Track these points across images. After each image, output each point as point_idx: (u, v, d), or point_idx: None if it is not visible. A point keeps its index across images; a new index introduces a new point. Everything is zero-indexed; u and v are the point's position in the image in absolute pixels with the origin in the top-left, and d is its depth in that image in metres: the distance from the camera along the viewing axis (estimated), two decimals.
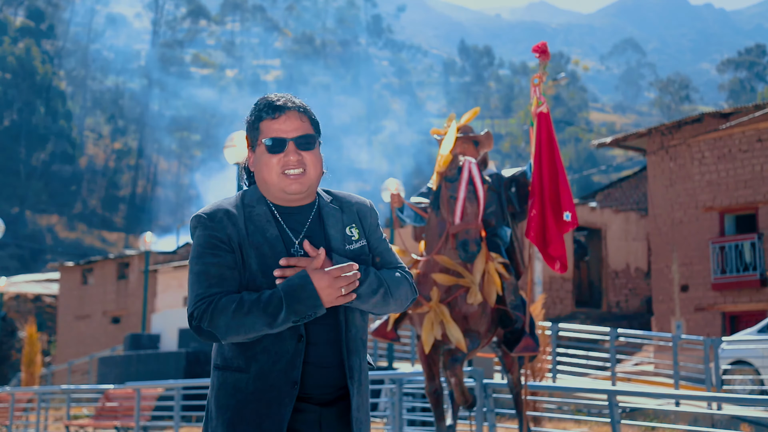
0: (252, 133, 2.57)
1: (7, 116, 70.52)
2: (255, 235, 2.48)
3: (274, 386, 2.43)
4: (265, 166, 2.52)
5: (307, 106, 2.60)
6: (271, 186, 2.52)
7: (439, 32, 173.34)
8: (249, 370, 2.44)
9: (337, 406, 2.50)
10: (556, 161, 6.43)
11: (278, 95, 2.58)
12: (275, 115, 2.53)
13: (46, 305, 38.21)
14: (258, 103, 2.58)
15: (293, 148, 2.51)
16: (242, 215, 2.50)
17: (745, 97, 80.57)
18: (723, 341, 14.79)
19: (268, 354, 2.43)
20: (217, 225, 2.47)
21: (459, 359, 6.45)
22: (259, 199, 2.55)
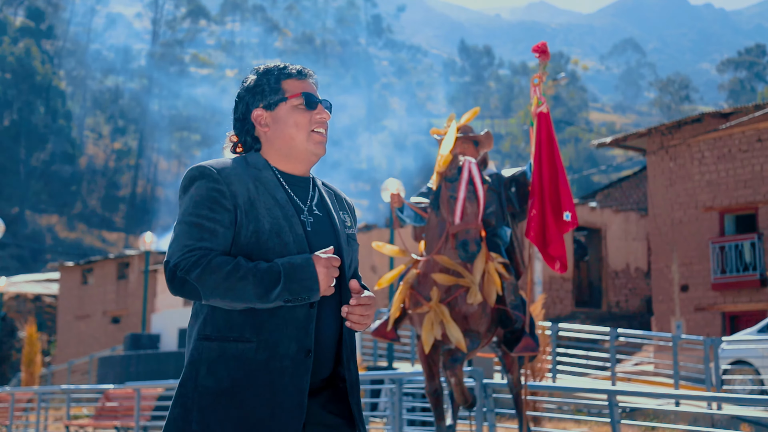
0: (267, 93, 2.50)
1: (7, 116, 70.51)
2: (265, 195, 2.40)
3: (287, 355, 2.31)
4: (294, 124, 2.47)
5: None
6: (297, 144, 2.47)
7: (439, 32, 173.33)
8: (255, 338, 2.30)
9: (320, 397, 2.40)
10: (556, 161, 6.43)
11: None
12: (301, 78, 2.51)
13: (46, 305, 38.20)
14: (272, 66, 2.54)
15: (322, 108, 2.51)
16: (250, 175, 2.42)
17: (745, 97, 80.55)
18: (723, 341, 14.79)
19: (276, 320, 2.31)
20: (223, 179, 2.36)
21: (459, 359, 6.45)
22: (264, 164, 2.47)
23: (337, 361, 2.45)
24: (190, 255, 2.27)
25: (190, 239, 2.30)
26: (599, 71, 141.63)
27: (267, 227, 2.35)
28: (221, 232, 2.32)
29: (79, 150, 75.61)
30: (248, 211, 2.35)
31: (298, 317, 2.33)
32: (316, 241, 2.42)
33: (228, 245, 2.33)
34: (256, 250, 2.33)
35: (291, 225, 2.38)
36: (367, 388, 12.54)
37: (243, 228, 2.34)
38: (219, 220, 2.32)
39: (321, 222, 2.47)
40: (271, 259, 2.33)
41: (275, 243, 2.35)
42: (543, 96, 6.49)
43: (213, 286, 2.25)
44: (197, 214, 2.32)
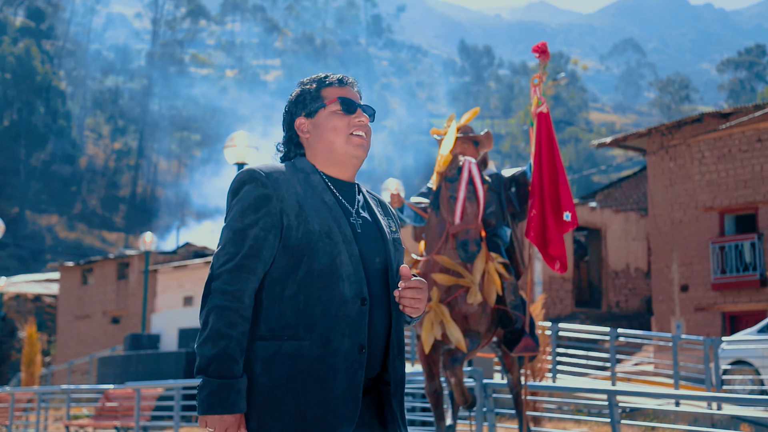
0: (309, 101, 2.59)
1: (7, 116, 70.51)
2: (314, 198, 2.46)
3: (339, 351, 2.36)
4: (332, 129, 2.55)
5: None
6: (336, 148, 2.55)
7: (439, 32, 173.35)
8: (308, 336, 2.35)
9: (365, 398, 2.44)
10: (556, 161, 6.43)
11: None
12: (341, 85, 2.62)
13: (46, 305, 38.19)
14: (312, 77, 2.65)
15: (362, 112, 2.59)
16: (300, 179, 2.50)
17: (745, 97, 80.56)
18: (723, 341, 14.79)
19: (329, 318, 2.37)
20: (272, 183, 2.43)
21: (459, 359, 6.45)
22: (312, 169, 2.55)
23: (384, 362, 2.49)
24: (230, 277, 2.36)
25: (234, 246, 2.38)
26: (599, 71, 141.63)
27: (317, 228, 2.41)
28: (263, 236, 2.39)
29: (79, 150, 75.61)
30: (298, 214, 2.42)
31: (350, 314, 2.39)
32: (364, 243, 2.49)
33: (273, 247, 2.40)
34: (308, 250, 2.40)
35: (340, 226, 2.44)
36: None
37: (293, 230, 2.41)
38: (263, 225, 2.40)
39: (368, 225, 2.54)
40: (323, 259, 2.40)
41: (325, 243, 2.41)
42: (543, 96, 6.49)
43: (204, 321, 2.35)
44: (242, 220, 2.40)
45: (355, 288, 2.40)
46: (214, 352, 2.30)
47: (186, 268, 28.46)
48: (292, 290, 2.39)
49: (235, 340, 2.32)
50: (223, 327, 2.31)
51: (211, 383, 2.29)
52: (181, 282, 28.65)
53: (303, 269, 2.39)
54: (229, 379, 2.29)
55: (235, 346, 2.32)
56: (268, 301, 2.40)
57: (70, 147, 72.36)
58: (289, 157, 2.62)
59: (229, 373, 2.30)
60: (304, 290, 2.38)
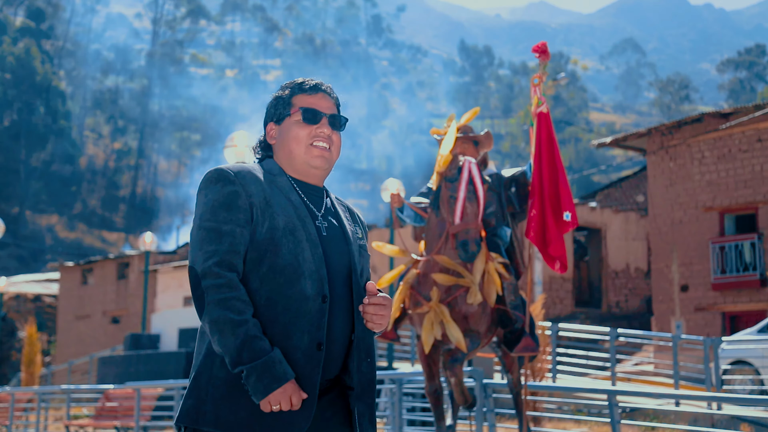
0: (280, 107, 2.64)
1: (7, 116, 70.50)
2: (279, 196, 2.50)
3: (298, 347, 2.39)
4: (294, 138, 2.58)
5: (338, 98, 2.71)
6: (296, 157, 2.58)
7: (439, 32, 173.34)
8: (269, 331, 2.39)
9: (320, 400, 2.45)
10: (556, 161, 6.43)
11: (310, 78, 2.70)
12: (311, 92, 2.63)
13: (46, 305, 38.20)
14: (291, 82, 2.68)
15: (326, 123, 2.60)
16: (266, 178, 2.54)
17: (745, 97, 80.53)
18: (723, 341, 14.79)
19: (289, 313, 2.40)
20: (240, 180, 2.47)
21: (459, 359, 6.45)
22: (280, 171, 2.59)
23: (345, 365, 2.51)
24: (218, 270, 2.37)
25: (212, 244, 2.40)
26: (599, 71, 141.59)
27: (281, 225, 2.45)
28: (238, 232, 2.42)
29: (79, 150, 75.59)
30: (264, 209, 2.45)
31: (310, 311, 2.41)
32: (328, 245, 2.51)
33: (246, 242, 2.42)
34: (271, 246, 2.43)
35: (304, 224, 2.48)
36: None
37: (258, 225, 2.44)
38: (235, 221, 2.42)
39: (333, 230, 2.57)
40: (286, 255, 2.42)
41: (289, 240, 2.44)
42: (543, 96, 6.49)
43: (213, 320, 2.34)
44: (215, 219, 2.42)
45: (316, 285, 2.42)
46: (238, 341, 2.32)
47: (186, 268, 28.46)
48: (255, 285, 2.41)
49: (251, 322, 2.34)
50: (234, 315, 2.33)
51: (254, 368, 2.31)
52: (181, 282, 28.65)
53: (266, 264, 2.42)
54: (265, 355, 2.31)
55: (253, 327, 2.34)
56: None
57: (70, 147, 72.34)
58: (260, 158, 2.67)
59: (261, 351, 2.32)
60: (267, 285, 2.41)
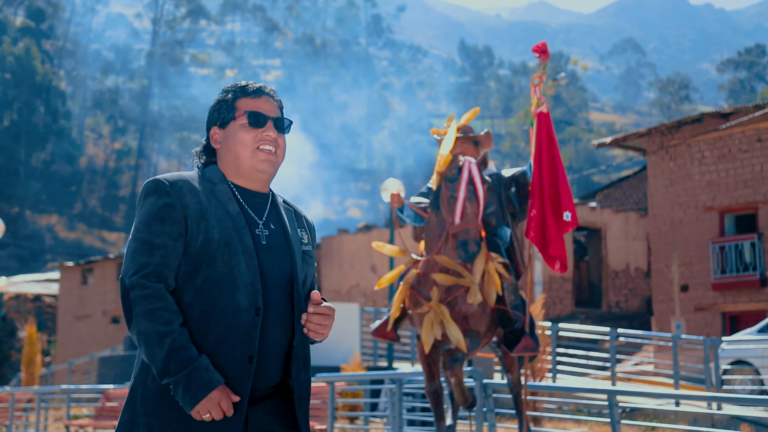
0: (223, 111, 2.61)
1: (7, 116, 70.50)
2: (218, 208, 2.48)
3: (230, 360, 2.39)
4: (240, 142, 2.56)
5: (281, 100, 2.69)
6: (242, 161, 2.55)
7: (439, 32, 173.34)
8: (201, 344, 2.39)
9: (262, 404, 2.47)
10: (556, 161, 6.43)
11: (252, 82, 2.66)
12: (255, 96, 2.61)
13: (46, 305, 38.21)
14: (233, 85, 2.65)
15: (271, 126, 2.58)
16: (205, 188, 2.52)
17: (745, 97, 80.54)
18: (723, 341, 14.79)
19: (222, 327, 2.39)
20: (175, 192, 2.46)
21: (459, 359, 6.45)
22: (221, 178, 2.57)
23: (287, 372, 2.52)
24: (145, 282, 2.37)
25: (143, 256, 2.40)
26: (599, 71, 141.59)
27: (216, 237, 2.43)
28: (170, 245, 2.42)
29: (79, 150, 75.60)
30: (199, 222, 2.44)
31: (243, 324, 2.41)
32: (268, 255, 2.50)
33: (179, 255, 2.43)
34: (206, 259, 2.42)
35: (241, 236, 2.46)
36: (367, 388, 12.55)
37: (193, 238, 2.44)
38: (169, 233, 2.42)
39: (276, 237, 2.55)
40: (221, 268, 2.42)
41: (224, 252, 2.43)
42: (543, 96, 6.48)
43: (140, 331, 2.36)
44: (149, 231, 2.43)
45: (250, 298, 2.42)
46: (164, 352, 2.33)
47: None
48: (190, 297, 2.41)
49: (177, 332, 2.34)
50: (161, 326, 2.34)
51: (180, 379, 2.32)
52: None
53: (201, 277, 2.42)
54: (191, 364, 2.32)
55: (180, 336, 2.34)
56: None
57: (70, 147, 72.34)
58: (204, 164, 2.64)
59: (188, 360, 2.32)
60: (201, 298, 2.41)
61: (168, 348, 2.32)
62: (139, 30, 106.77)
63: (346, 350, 16.75)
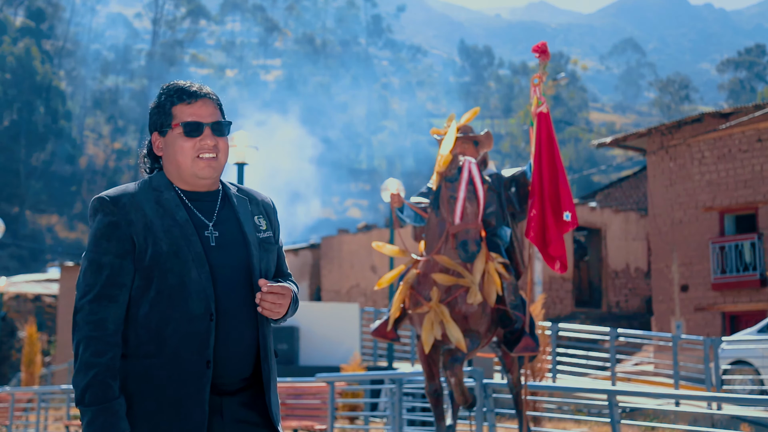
0: (161, 117, 2.59)
1: (7, 116, 70.49)
2: (165, 218, 2.49)
3: (188, 369, 2.43)
4: (180, 150, 2.54)
5: (218, 96, 2.67)
6: (183, 170, 2.55)
7: (439, 32, 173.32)
8: (160, 354, 2.43)
9: (238, 396, 2.52)
10: (556, 161, 6.43)
11: (188, 82, 2.64)
12: (190, 101, 2.58)
13: (46, 305, 38.19)
14: (168, 88, 2.62)
15: (209, 133, 2.56)
16: (150, 199, 2.52)
17: (745, 97, 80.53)
18: (723, 341, 14.79)
19: (178, 335, 2.44)
20: (119, 210, 2.48)
21: (459, 359, 6.45)
22: (167, 185, 2.57)
23: (258, 363, 2.56)
24: (90, 307, 2.42)
25: (92, 276, 2.45)
26: (599, 71, 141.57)
27: (165, 249, 2.46)
28: (117, 264, 2.45)
29: (79, 150, 75.60)
30: (146, 236, 2.47)
31: (199, 331, 2.45)
32: (217, 256, 2.52)
33: (130, 272, 2.46)
34: (157, 271, 2.46)
35: (190, 244, 2.48)
36: (367, 388, 12.54)
37: (142, 253, 2.46)
38: (114, 252, 2.46)
39: (228, 233, 2.56)
40: (172, 278, 2.45)
41: (174, 263, 2.45)
42: (543, 96, 6.48)
43: (74, 354, 2.42)
44: (96, 250, 2.46)
45: (203, 305, 2.45)
46: (85, 381, 2.38)
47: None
48: (145, 309, 2.45)
49: (104, 366, 2.39)
50: (91, 357, 2.38)
51: (88, 412, 2.37)
52: None
53: (154, 289, 2.45)
54: (103, 403, 2.36)
55: (105, 372, 2.38)
56: (127, 322, 2.46)
57: (70, 147, 72.34)
58: (150, 169, 2.65)
59: (103, 398, 2.37)
60: (155, 309, 2.45)
61: (90, 379, 2.38)
62: (139, 30, 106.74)
63: (346, 350, 16.75)
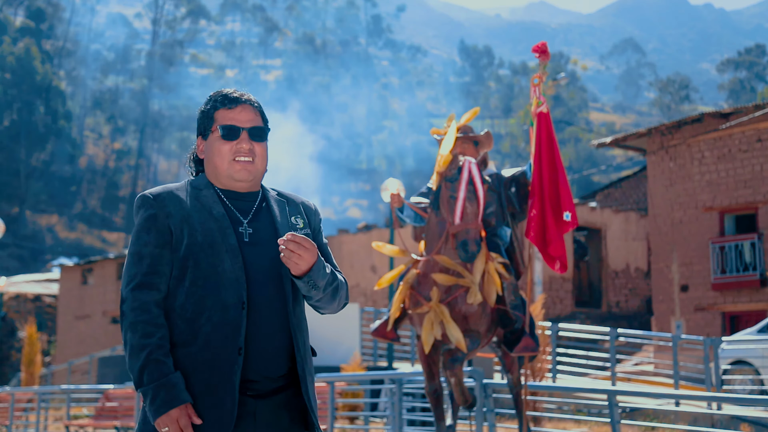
0: (205, 122, 2.74)
1: (7, 116, 70.48)
2: (202, 212, 2.63)
3: (220, 356, 2.52)
4: (218, 153, 2.69)
5: (260, 103, 2.79)
6: (220, 171, 2.69)
7: (439, 32, 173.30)
8: (194, 343, 2.54)
9: (272, 399, 2.58)
10: (556, 161, 6.43)
11: (233, 89, 2.78)
12: (231, 106, 2.73)
13: (46, 305, 38.19)
14: (214, 95, 2.77)
15: (246, 137, 2.69)
16: (190, 195, 2.67)
17: (745, 97, 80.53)
18: (723, 341, 14.79)
19: (212, 324, 2.54)
20: (158, 203, 2.62)
21: (459, 359, 6.45)
22: (207, 184, 2.72)
23: (294, 361, 2.63)
24: (134, 294, 2.56)
25: (133, 267, 2.60)
26: (599, 71, 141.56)
27: (200, 239, 2.59)
28: (156, 253, 2.60)
29: (79, 150, 75.59)
30: (182, 228, 2.61)
31: (231, 319, 2.55)
32: (251, 251, 2.63)
33: (168, 261, 2.60)
34: (191, 262, 2.58)
35: (225, 236, 2.60)
36: (367, 388, 12.54)
37: (179, 243, 2.60)
38: (154, 242, 2.61)
39: (263, 231, 2.67)
40: (206, 269, 2.57)
41: (208, 253, 2.58)
42: (543, 96, 6.48)
43: (125, 341, 2.57)
44: (137, 243, 2.62)
45: (236, 294, 2.55)
46: (139, 363, 2.50)
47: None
48: (181, 300, 2.58)
49: (155, 346, 2.51)
50: (140, 339, 2.51)
51: (149, 390, 2.49)
52: None
53: (188, 279, 2.58)
54: (161, 379, 2.48)
55: (157, 350, 2.51)
56: (165, 312, 2.59)
57: (70, 147, 72.32)
58: (196, 172, 2.80)
59: (159, 374, 2.48)
60: (190, 299, 2.57)
61: (143, 360, 2.49)
62: (139, 30, 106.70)
63: (346, 350, 16.75)
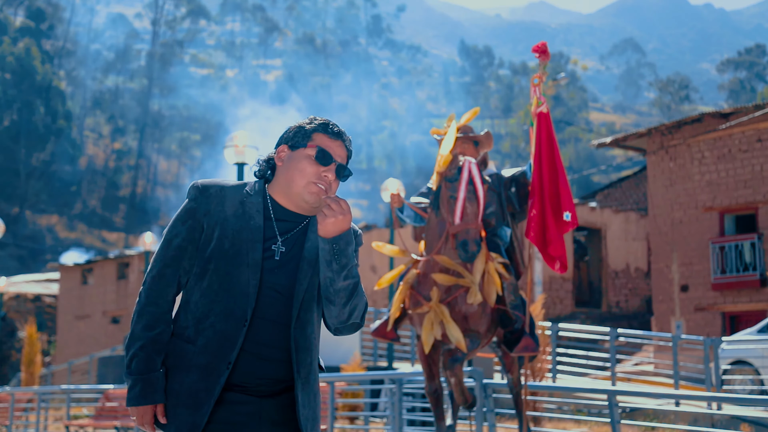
0: (300, 135, 2.73)
1: (7, 116, 70.47)
2: (241, 219, 2.66)
3: (212, 362, 2.60)
4: (301, 170, 2.69)
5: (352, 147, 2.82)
6: (293, 187, 2.69)
7: (439, 32, 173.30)
8: (196, 342, 2.62)
9: (278, 399, 2.64)
10: (556, 161, 6.43)
11: (336, 123, 2.79)
12: (333, 137, 2.74)
13: (46, 305, 38.19)
14: (318, 119, 2.77)
15: (333, 168, 2.70)
16: (237, 198, 2.69)
17: (745, 97, 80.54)
18: (723, 341, 14.79)
19: (214, 330, 2.61)
20: (203, 198, 2.67)
21: (459, 359, 6.45)
22: (259, 191, 2.71)
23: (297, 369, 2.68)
24: (153, 284, 2.67)
25: (161, 251, 2.68)
26: (599, 71, 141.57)
27: (226, 247, 2.64)
28: (184, 246, 2.67)
29: (79, 150, 75.56)
30: (214, 230, 2.66)
31: (230, 330, 2.61)
32: (275, 269, 2.66)
33: (192, 257, 2.68)
34: (212, 266, 2.65)
35: (252, 250, 2.64)
36: (367, 388, 12.54)
37: (206, 243, 2.67)
38: (185, 236, 2.67)
39: (294, 251, 2.69)
40: (223, 277, 2.63)
41: (229, 262, 2.64)
42: (543, 96, 6.48)
43: (132, 320, 2.70)
44: (171, 230, 2.70)
45: (242, 309, 2.61)
46: (132, 351, 2.63)
47: None
48: (196, 297, 2.66)
49: (151, 340, 2.63)
50: (141, 329, 2.64)
51: (131, 379, 2.61)
52: None
53: (206, 281, 2.65)
54: (144, 374, 2.60)
55: (151, 345, 2.62)
56: (180, 303, 2.70)
57: (70, 147, 72.29)
58: (263, 174, 2.79)
59: (144, 369, 2.60)
60: (204, 299, 2.64)
61: (136, 349, 2.62)
62: (139, 30, 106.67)
63: (346, 350, 16.75)
